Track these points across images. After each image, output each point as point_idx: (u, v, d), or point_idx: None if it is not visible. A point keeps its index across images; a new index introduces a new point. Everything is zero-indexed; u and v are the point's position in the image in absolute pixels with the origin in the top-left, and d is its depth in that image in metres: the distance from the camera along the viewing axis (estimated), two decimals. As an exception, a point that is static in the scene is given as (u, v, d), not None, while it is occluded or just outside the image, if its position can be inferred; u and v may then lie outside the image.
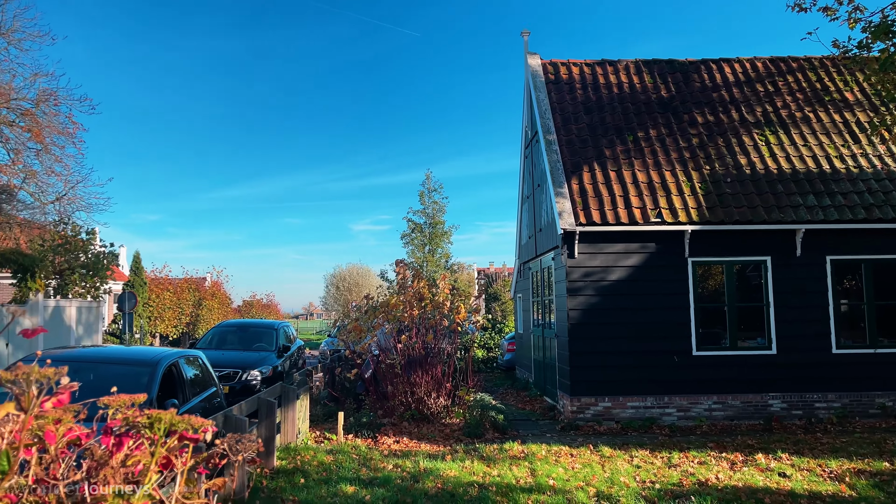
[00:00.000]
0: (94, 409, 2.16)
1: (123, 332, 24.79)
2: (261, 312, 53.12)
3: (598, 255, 12.96)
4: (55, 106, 28.62)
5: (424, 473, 9.04)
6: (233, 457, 2.20)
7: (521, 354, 19.36)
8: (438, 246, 36.78)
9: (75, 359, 7.87)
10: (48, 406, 1.52)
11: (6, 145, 28.57)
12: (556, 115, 15.20)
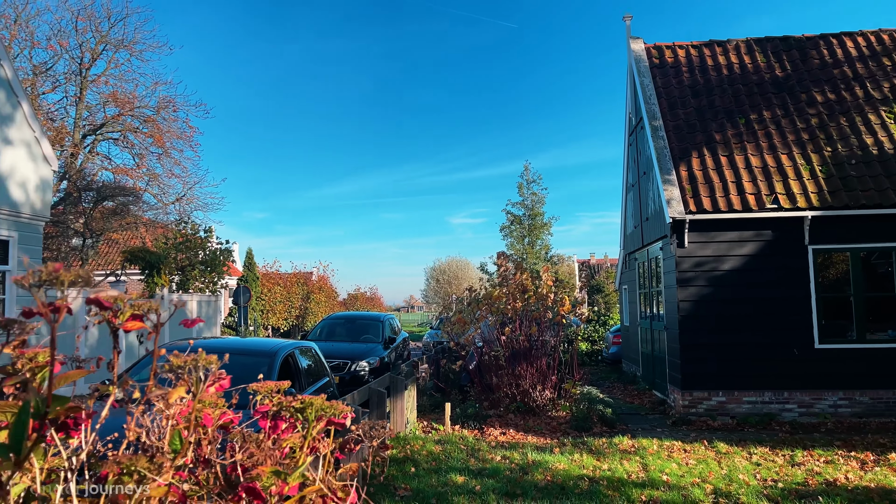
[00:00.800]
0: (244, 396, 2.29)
1: (239, 325, 26.13)
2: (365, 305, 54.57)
3: (709, 244, 12.46)
4: (173, 112, 30.51)
5: (533, 465, 9.02)
6: (367, 442, 2.27)
7: (628, 347, 18.93)
8: (538, 238, 36.46)
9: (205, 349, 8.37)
10: (211, 391, 1.63)
11: (131, 150, 30.70)
12: (662, 100, 14.71)
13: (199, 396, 1.53)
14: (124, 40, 29.17)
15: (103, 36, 28.48)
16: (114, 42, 28.76)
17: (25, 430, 1.28)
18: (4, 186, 14.10)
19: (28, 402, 1.29)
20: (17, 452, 1.28)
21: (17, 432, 1.28)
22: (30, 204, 14.84)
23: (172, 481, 1.51)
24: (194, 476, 1.91)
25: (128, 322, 1.78)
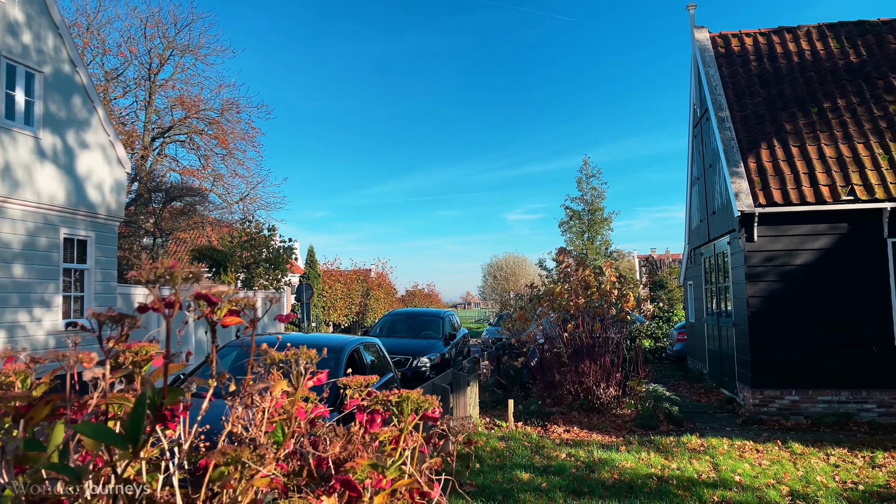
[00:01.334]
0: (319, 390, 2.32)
1: (301, 321, 26.64)
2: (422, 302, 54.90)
3: (780, 238, 12.05)
4: (237, 113, 31.30)
5: (599, 463, 8.91)
6: (452, 437, 2.27)
7: (693, 344, 18.49)
8: (598, 233, 35.96)
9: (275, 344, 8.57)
10: (309, 384, 1.66)
11: (197, 152, 31.65)
12: (728, 90, 14.29)
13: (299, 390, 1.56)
14: (190, 45, 30.07)
15: (170, 41, 29.42)
16: (180, 47, 29.68)
17: (142, 422, 1.32)
18: (82, 189, 14.72)
19: (144, 394, 1.34)
20: (135, 443, 1.33)
21: (135, 423, 1.33)
22: (105, 205, 15.44)
23: (275, 472, 1.54)
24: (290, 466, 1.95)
25: (226, 317, 1.83)
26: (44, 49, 13.69)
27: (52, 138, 13.86)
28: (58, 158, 14.00)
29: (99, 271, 15.13)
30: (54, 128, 13.95)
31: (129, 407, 1.85)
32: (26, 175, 13.12)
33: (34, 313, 13.22)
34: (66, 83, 14.31)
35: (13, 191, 12.78)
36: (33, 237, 13.29)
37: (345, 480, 1.73)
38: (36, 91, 13.50)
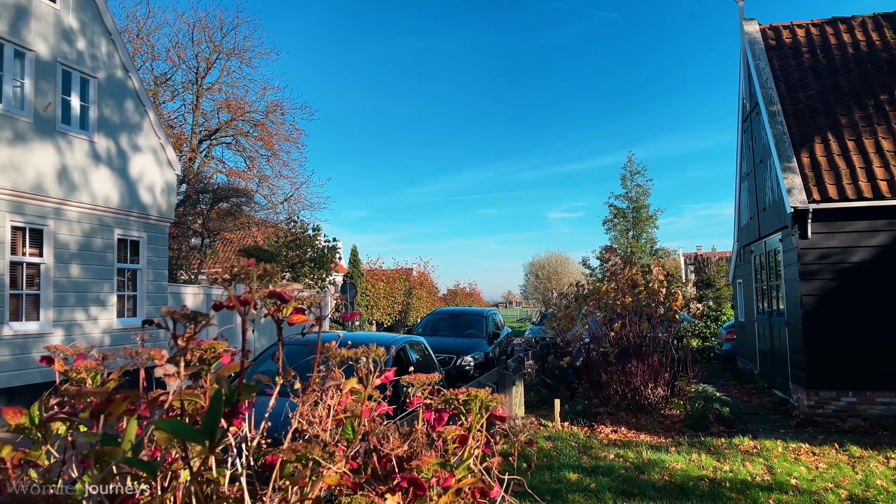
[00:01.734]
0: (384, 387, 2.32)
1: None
2: (464, 300, 54.91)
3: (835, 235, 11.69)
4: (281, 115, 31.77)
5: (649, 465, 8.78)
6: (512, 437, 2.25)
7: (743, 344, 18.08)
8: (643, 231, 35.43)
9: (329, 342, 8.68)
10: (377, 381, 1.66)
11: (243, 154, 32.23)
12: (780, 84, 13.91)
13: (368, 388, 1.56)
14: (235, 48, 30.63)
15: (216, 45, 29.99)
16: (226, 51, 30.23)
17: (219, 418, 1.34)
18: (135, 191, 15.10)
19: (220, 390, 1.35)
20: (211, 438, 1.34)
21: (212, 419, 1.34)
22: (157, 206, 15.82)
23: (344, 470, 1.55)
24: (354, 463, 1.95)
25: (292, 315, 1.84)
26: (97, 55, 14.09)
27: (105, 142, 14.25)
28: (111, 161, 14.39)
29: (151, 271, 15.51)
30: (108, 132, 14.34)
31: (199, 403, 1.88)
32: (82, 178, 13.52)
33: (90, 312, 13.62)
34: (118, 88, 14.70)
35: (70, 193, 13.18)
36: (89, 238, 13.69)
37: (411, 479, 1.72)
38: (90, 96, 13.90)
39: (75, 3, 13.51)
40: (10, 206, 11.90)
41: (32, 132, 12.40)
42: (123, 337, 14.43)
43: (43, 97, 12.65)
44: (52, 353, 2.56)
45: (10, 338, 11.80)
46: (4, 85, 11.94)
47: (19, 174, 12.04)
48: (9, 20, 11.93)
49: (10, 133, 11.93)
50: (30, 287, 12.40)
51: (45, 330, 12.53)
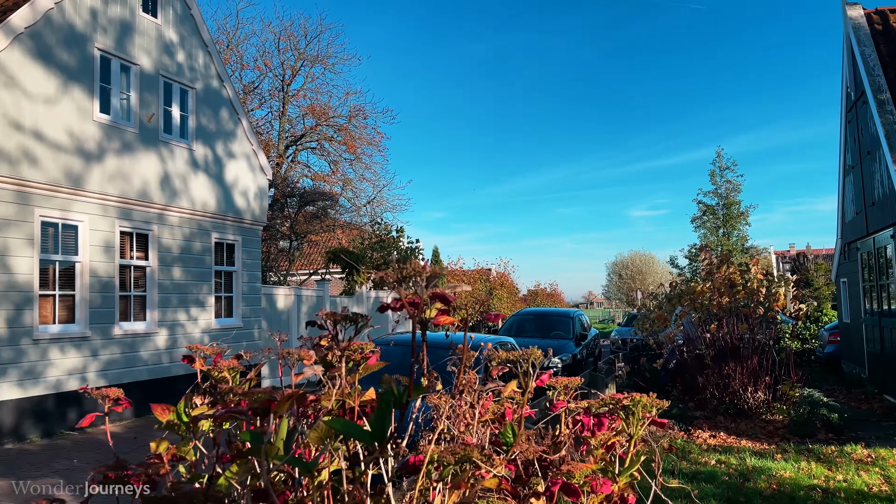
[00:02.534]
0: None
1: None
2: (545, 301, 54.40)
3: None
4: (363, 119, 32.33)
5: (753, 472, 8.41)
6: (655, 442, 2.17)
7: (849, 346, 17.11)
8: (734, 228, 34.08)
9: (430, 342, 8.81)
10: (532, 384, 1.63)
11: (327, 158, 32.99)
12: (889, 70, 13.09)
13: (528, 390, 1.53)
14: (319, 55, 31.39)
15: (301, 53, 30.83)
16: (310, 58, 31.03)
17: (389, 418, 1.34)
18: (230, 196, 15.68)
19: (390, 390, 1.35)
20: (381, 439, 1.34)
21: (381, 419, 1.34)
22: (250, 211, 16.38)
23: (504, 473, 1.52)
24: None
25: (438, 317, 1.83)
26: (195, 66, 14.72)
27: (203, 149, 14.87)
28: (208, 168, 15.00)
29: (245, 273, 16.08)
30: (205, 139, 14.96)
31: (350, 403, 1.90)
32: (182, 184, 14.15)
33: (191, 312, 14.24)
34: (214, 97, 15.31)
35: (172, 199, 13.82)
36: (189, 242, 14.31)
37: (565, 484, 1.68)
38: (189, 106, 14.54)
39: (175, 17, 14.16)
40: (119, 213, 12.58)
41: (138, 142, 13.07)
42: (221, 336, 15.00)
43: (146, 108, 13.31)
44: (193, 352, 2.65)
45: (119, 337, 12.47)
46: (112, 98, 12.63)
47: (126, 182, 12.72)
48: (115, 36, 12.62)
49: (118, 143, 12.61)
50: (137, 289, 13.07)
51: (150, 330, 13.18)
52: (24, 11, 10.79)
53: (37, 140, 11.00)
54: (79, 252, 11.75)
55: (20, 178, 10.66)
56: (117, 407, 2.40)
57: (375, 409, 1.36)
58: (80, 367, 11.66)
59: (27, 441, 10.62)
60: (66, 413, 11.38)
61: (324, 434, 1.87)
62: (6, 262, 10.40)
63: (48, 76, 11.25)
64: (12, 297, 10.48)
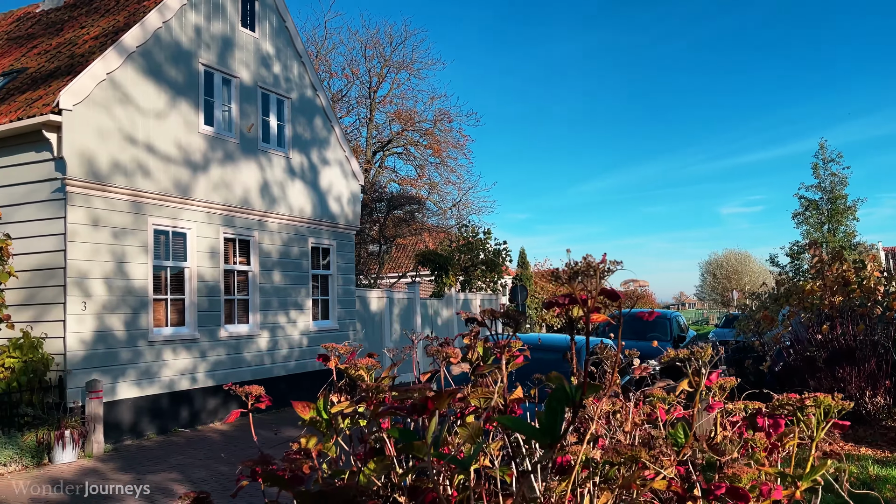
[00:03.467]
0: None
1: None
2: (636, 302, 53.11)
3: None
4: (448, 123, 32.56)
5: (877, 481, 7.90)
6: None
7: (975, 348, 15.82)
8: (840, 224, 32.23)
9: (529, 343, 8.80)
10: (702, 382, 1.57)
11: (413, 162, 33.42)
12: None
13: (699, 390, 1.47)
14: (404, 61, 31.86)
15: (386, 60, 31.36)
16: (395, 64, 31.52)
17: (561, 416, 1.31)
18: (325, 201, 16.11)
19: (562, 388, 1.33)
20: (553, 437, 1.32)
21: (553, 418, 1.32)
22: (344, 215, 16.78)
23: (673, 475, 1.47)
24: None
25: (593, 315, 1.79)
26: (290, 77, 15.22)
27: (299, 157, 15.35)
28: (304, 175, 15.47)
29: (340, 276, 16.47)
30: (301, 147, 15.44)
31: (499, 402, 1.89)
32: (280, 192, 14.65)
33: (290, 315, 14.71)
34: (308, 106, 15.78)
35: (271, 206, 14.33)
36: (287, 247, 14.79)
37: (731, 489, 1.61)
38: (286, 115, 15.04)
39: (271, 30, 14.69)
40: (223, 220, 13.14)
41: (239, 152, 13.62)
42: (319, 338, 15.43)
43: (246, 119, 13.86)
44: (328, 351, 2.71)
45: (225, 339, 13.02)
46: (215, 110, 13.22)
47: (229, 190, 13.27)
48: (217, 51, 13.20)
49: (221, 153, 13.19)
50: (240, 293, 13.62)
51: (253, 332, 13.69)
52: (135, 31, 11.45)
53: (149, 153, 11.64)
54: (187, 258, 12.35)
55: (135, 189, 11.31)
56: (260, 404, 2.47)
57: (547, 408, 1.33)
58: (191, 368, 12.25)
59: (144, 437, 11.23)
60: (178, 411, 11.98)
61: (476, 432, 1.87)
62: (124, 269, 11.05)
63: (158, 92, 11.88)
64: (129, 301, 11.13)
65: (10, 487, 8.16)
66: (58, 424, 9.33)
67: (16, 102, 11.17)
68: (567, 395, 1.33)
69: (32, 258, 10.48)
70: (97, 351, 10.59)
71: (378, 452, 2.24)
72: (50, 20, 14.99)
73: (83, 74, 10.51)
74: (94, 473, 8.88)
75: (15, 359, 9.65)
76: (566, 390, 1.32)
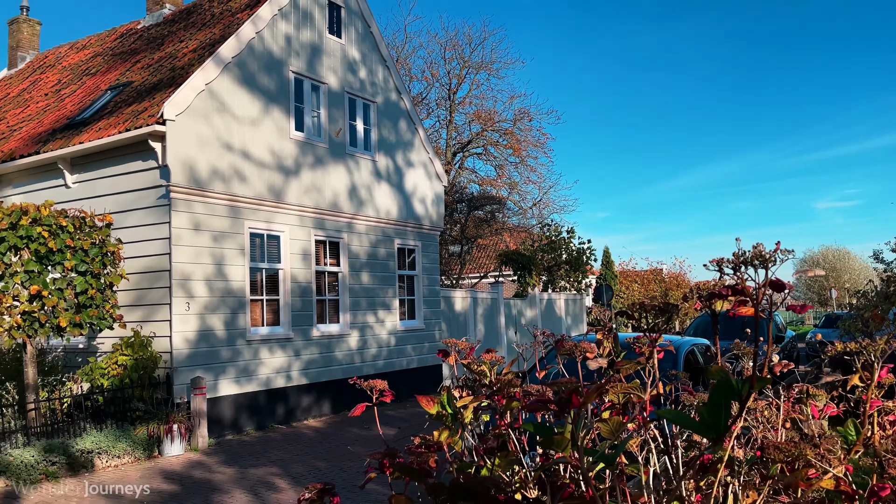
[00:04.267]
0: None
1: (603, 323, 26.47)
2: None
3: None
4: (528, 122, 32.34)
5: None
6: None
7: None
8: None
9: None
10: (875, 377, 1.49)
11: (492, 162, 33.37)
12: None
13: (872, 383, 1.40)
14: (483, 62, 31.86)
15: (466, 61, 31.45)
16: (474, 65, 31.57)
17: (726, 411, 1.27)
18: (410, 203, 16.31)
19: (727, 381, 1.29)
20: (718, 431, 1.28)
21: (716, 411, 1.28)
22: (428, 216, 16.94)
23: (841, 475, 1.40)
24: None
25: (739, 308, 1.73)
26: (376, 81, 15.49)
27: (384, 160, 15.60)
28: (390, 177, 15.71)
29: (425, 276, 16.64)
30: (386, 150, 15.69)
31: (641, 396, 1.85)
32: (367, 194, 14.93)
33: (378, 315, 14.96)
34: (393, 109, 16.02)
35: (359, 208, 14.62)
36: (374, 248, 15.06)
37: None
38: (371, 119, 15.32)
39: (356, 36, 15.00)
40: (314, 223, 13.50)
41: (327, 156, 13.97)
42: (406, 338, 15.63)
43: (334, 124, 14.19)
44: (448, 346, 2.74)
45: (317, 338, 13.37)
46: (305, 116, 13.61)
47: (319, 194, 13.63)
48: (306, 58, 13.59)
49: (311, 158, 13.56)
50: (330, 293, 13.96)
51: (343, 332, 14.01)
52: (230, 42, 11.92)
53: (244, 159, 12.10)
54: (281, 260, 12.76)
55: (232, 194, 11.78)
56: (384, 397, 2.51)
57: (710, 402, 1.29)
58: (286, 366, 12.65)
59: (244, 433, 11.67)
60: (274, 408, 12.38)
61: (617, 427, 1.84)
62: (224, 271, 11.53)
63: (252, 100, 12.34)
64: (229, 302, 11.60)
65: (125, 478, 8.65)
66: (166, 419, 9.82)
67: (123, 114, 11.83)
68: (733, 389, 1.28)
69: (140, 261, 11.08)
70: (200, 349, 11.08)
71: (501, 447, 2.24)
72: (151, 35, 15.82)
73: (184, 86, 11.03)
74: (200, 466, 9.30)
75: (127, 356, 10.22)
76: (732, 384, 1.28)
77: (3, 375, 10.47)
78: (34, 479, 8.23)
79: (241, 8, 13.71)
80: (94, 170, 11.95)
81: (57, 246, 9.33)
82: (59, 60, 18.51)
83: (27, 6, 20.24)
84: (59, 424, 9.54)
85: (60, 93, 15.64)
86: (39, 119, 14.48)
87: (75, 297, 9.62)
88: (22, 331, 9.09)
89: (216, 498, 7.84)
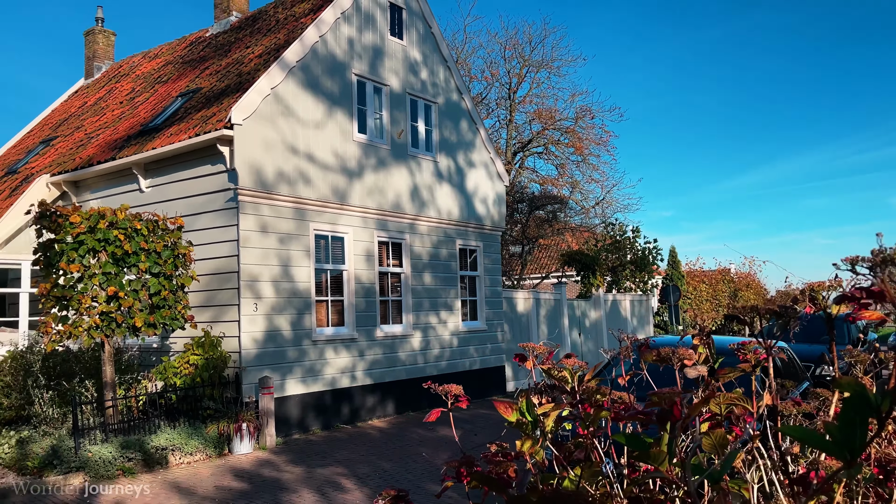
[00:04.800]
0: None
1: (668, 323, 25.82)
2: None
3: None
4: (590, 119, 31.82)
5: None
6: None
7: None
8: None
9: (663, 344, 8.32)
10: None
11: (554, 161, 32.97)
12: None
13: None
14: (543, 60, 31.53)
15: (525, 60, 31.18)
16: (535, 64, 31.26)
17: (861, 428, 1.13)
18: (471, 203, 16.22)
19: (862, 395, 1.15)
20: (854, 452, 1.14)
21: (851, 431, 1.14)
22: (490, 217, 16.81)
23: None
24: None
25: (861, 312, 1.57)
26: (437, 82, 15.47)
27: (446, 160, 15.56)
28: (451, 178, 15.66)
29: (487, 277, 16.52)
30: (447, 151, 15.64)
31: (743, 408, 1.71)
32: (429, 195, 14.91)
33: (440, 316, 14.93)
34: (454, 110, 15.96)
35: (420, 209, 14.62)
36: (436, 249, 15.03)
37: None
38: (433, 120, 15.30)
39: (417, 37, 15.01)
40: (377, 224, 13.57)
41: (390, 157, 14.02)
42: (468, 339, 15.55)
43: (396, 125, 14.23)
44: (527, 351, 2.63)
45: (381, 339, 13.43)
46: (367, 118, 13.69)
47: (382, 195, 13.69)
48: (368, 61, 13.67)
49: (374, 160, 13.63)
50: (393, 294, 14.00)
51: (406, 332, 14.02)
52: (295, 47, 12.09)
53: (309, 161, 12.24)
54: (345, 261, 12.86)
55: (297, 196, 11.93)
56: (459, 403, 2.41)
57: (842, 418, 1.15)
58: (350, 367, 12.74)
59: (310, 432, 11.81)
60: (340, 408, 12.49)
61: (721, 441, 1.70)
62: (290, 272, 11.69)
63: (316, 103, 12.48)
64: (295, 302, 11.75)
65: (197, 475, 8.84)
66: (236, 418, 10.00)
67: (193, 120, 12.15)
68: (870, 405, 1.14)
69: (210, 263, 11.34)
70: (267, 349, 11.26)
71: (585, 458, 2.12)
72: (219, 43, 16.22)
73: (250, 91, 11.23)
74: (269, 465, 9.44)
75: (198, 356, 10.47)
76: (869, 398, 1.14)
77: (83, 374, 10.87)
78: (111, 475, 8.50)
79: (305, 13, 13.90)
80: (166, 174, 12.31)
81: (132, 248, 9.62)
82: (132, 69, 19.20)
83: (102, 18, 21.08)
84: (134, 422, 9.84)
85: (134, 100, 16.21)
86: (115, 126, 15.03)
87: (149, 297, 9.90)
88: (100, 331, 9.41)
89: (284, 497, 7.92)
